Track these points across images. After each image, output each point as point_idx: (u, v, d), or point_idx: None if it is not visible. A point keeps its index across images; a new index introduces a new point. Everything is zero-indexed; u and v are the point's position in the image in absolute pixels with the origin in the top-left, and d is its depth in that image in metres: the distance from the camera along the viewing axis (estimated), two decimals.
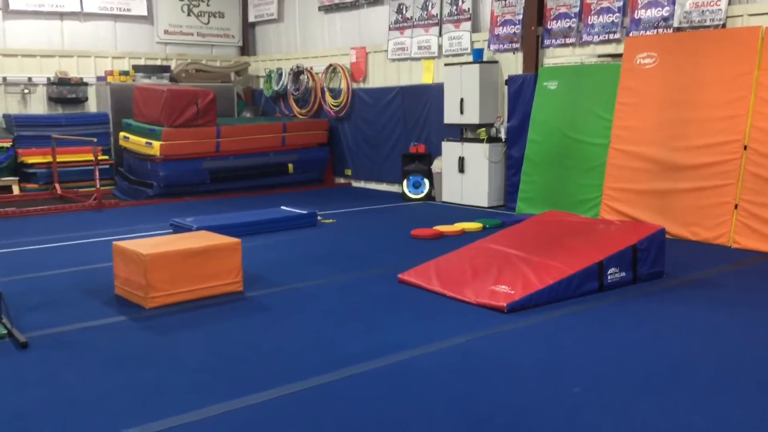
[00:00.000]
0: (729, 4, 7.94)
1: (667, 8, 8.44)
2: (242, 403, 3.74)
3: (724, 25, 7.96)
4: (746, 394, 3.82)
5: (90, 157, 11.24)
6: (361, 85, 12.70)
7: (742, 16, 7.88)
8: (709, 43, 7.85)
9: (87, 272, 6.69)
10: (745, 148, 7.41)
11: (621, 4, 8.92)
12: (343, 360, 4.33)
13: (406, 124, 11.86)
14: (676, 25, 8.36)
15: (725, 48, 7.68)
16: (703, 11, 8.11)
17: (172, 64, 14.15)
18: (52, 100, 12.77)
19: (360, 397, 3.83)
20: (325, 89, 13.21)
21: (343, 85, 12.83)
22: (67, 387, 4.02)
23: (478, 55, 10.33)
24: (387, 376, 4.11)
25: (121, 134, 12.18)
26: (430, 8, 11.31)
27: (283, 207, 9.47)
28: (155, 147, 11.16)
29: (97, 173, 10.71)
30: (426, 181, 11.12)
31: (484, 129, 10.32)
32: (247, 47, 15.26)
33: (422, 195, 11.15)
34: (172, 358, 4.47)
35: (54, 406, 3.77)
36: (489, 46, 10.42)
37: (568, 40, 9.49)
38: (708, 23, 8.07)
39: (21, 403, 3.81)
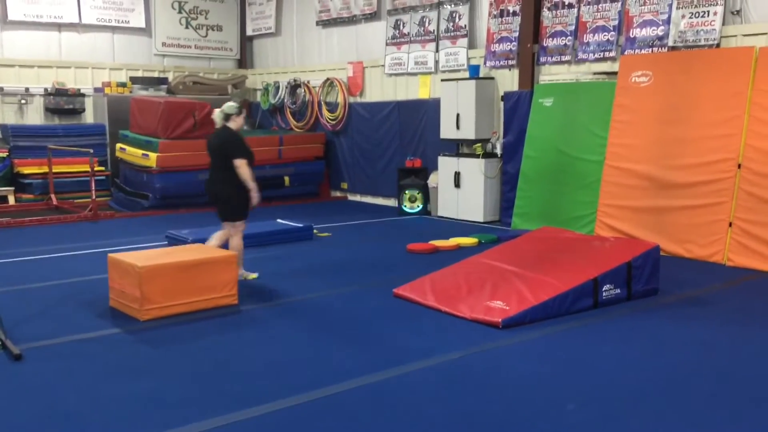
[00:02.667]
0: (723, 24, 8.02)
1: (662, 27, 8.52)
2: (236, 417, 3.73)
3: (718, 45, 8.03)
4: (739, 411, 3.83)
5: (86, 168, 11.24)
6: (358, 100, 12.75)
7: (736, 36, 7.96)
8: (704, 62, 7.92)
9: (82, 284, 6.68)
10: (739, 166, 7.46)
11: (616, 22, 8.99)
12: (337, 375, 4.33)
13: (403, 139, 11.90)
14: (670, 44, 8.44)
15: (719, 67, 7.75)
16: (697, 31, 8.19)
17: (170, 76, 14.18)
18: (49, 110, 12.77)
19: (354, 412, 3.83)
20: (322, 103, 13.25)
21: (340, 99, 12.87)
22: (61, 399, 4.01)
23: (474, 71, 10.40)
24: (381, 392, 4.10)
25: (118, 145, 12.19)
26: (427, 24, 11.38)
27: (278, 220, 9.48)
28: (152, 158, 11.16)
29: (93, 184, 10.70)
30: (421, 196, 11.14)
31: (480, 144, 10.36)
32: (244, 60, 15.32)
33: (418, 209, 11.17)
34: (166, 370, 4.46)
35: (48, 419, 3.76)
36: (485, 63, 10.48)
37: (563, 58, 9.56)
38: (702, 43, 8.15)
39: (14, 415, 3.80)
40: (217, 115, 6.63)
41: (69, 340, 5.05)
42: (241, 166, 6.44)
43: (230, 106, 6.63)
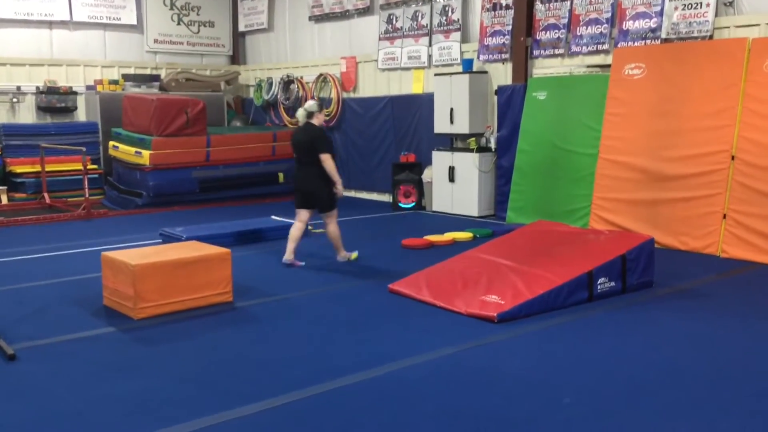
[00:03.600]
0: (716, 15, 8.02)
1: (654, 20, 8.51)
2: (231, 416, 3.72)
3: (711, 37, 8.03)
4: (734, 403, 3.84)
5: (79, 166, 11.19)
6: (352, 95, 12.72)
7: (728, 27, 7.96)
8: (697, 54, 7.91)
9: (75, 283, 6.65)
10: (733, 158, 7.47)
11: (609, 15, 8.98)
12: (332, 371, 4.32)
13: (397, 134, 11.88)
14: (663, 36, 8.43)
15: (712, 59, 7.75)
16: (690, 23, 8.19)
17: (162, 73, 14.13)
18: (41, 109, 12.72)
19: (349, 408, 3.82)
20: (316, 98, 13.21)
21: (334, 95, 12.84)
22: (55, 399, 3.99)
23: (467, 65, 10.38)
24: (377, 388, 4.10)
25: (111, 143, 12.14)
26: (419, 18, 11.35)
27: (273, 216, 9.45)
28: (145, 156, 11.12)
29: (86, 182, 10.66)
30: (416, 191, 11.12)
31: (474, 139, 10.35)
32: (237, 56, 15.27)
33: (412, 204, 11.15)
34: (160, 369, 4.45)
35: (42, 419, 3.74)
36: (479, 57, 10.47)
37: (557, 51, 9.55)
38: (695, 34, 8.15)
39: (8, 415, 3.78)
40: (300, 113, 7.21)
41: (63, 339, 5.03)
42: (327, 160, 7.01)
43: (312, 104, 7.21)
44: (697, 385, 4.11)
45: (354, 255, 7.50)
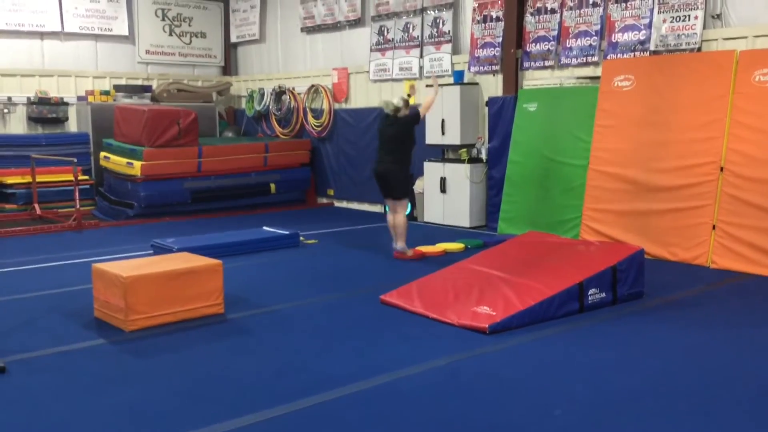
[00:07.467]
0: (704, 28, 8.10)
1: (643, 32, 8.59)
2: (222, 428, 3.71)
3: (699, 49, 8.11)
4: (725, 414, 3.86)
5: (70, 177, 11.15)
6: (343, 106, 12.76)
7: (716, 40, 8.04)
8: (685, 66, 7.99)
9: (66, 295, 6.62)
10: (722, 169, 7.53)
11: (598, 27, 9.06)
12: (324, 383, 4.32)
13: None
14: (652, 48, 8.51)
15: (701, 71, 7.82)
16: (678, 35, 8.27)
17: (154, 84, 14.12)
18: (32, 119, 12.68)
19: (342, 420, 3.82)
20: (307, 109, 13.25)
21: (325, 106, 12.87)
22: (46, 412, 3.98)
23: (458, 77, 10.43)
24: (369, 399, 4.10)
25: (102, 154, 12.12)
26: (411, 30, 11.41)
27: (265, 227, 9.45)
28: (136, 167, 11.11)
29: (77, 193, 10.62)
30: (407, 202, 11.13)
31: (465, 150, 10.39)
32: (229, 67, 15.29)
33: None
34: (151, 381, 4.44)
35: (33, 431, 3.72)
36: (469, 68, 10.52)
37: (547, 63, 9.62)
38: (684, 47, 8.23)
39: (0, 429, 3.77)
40: (389, 106, 7.87)
41: (54, 351, 5.01)
42: (424, 109, 8.12)
43: (399, 99, 7.89)
44: (687, 395, 4.14)
45: (411, 252, 8.00)
